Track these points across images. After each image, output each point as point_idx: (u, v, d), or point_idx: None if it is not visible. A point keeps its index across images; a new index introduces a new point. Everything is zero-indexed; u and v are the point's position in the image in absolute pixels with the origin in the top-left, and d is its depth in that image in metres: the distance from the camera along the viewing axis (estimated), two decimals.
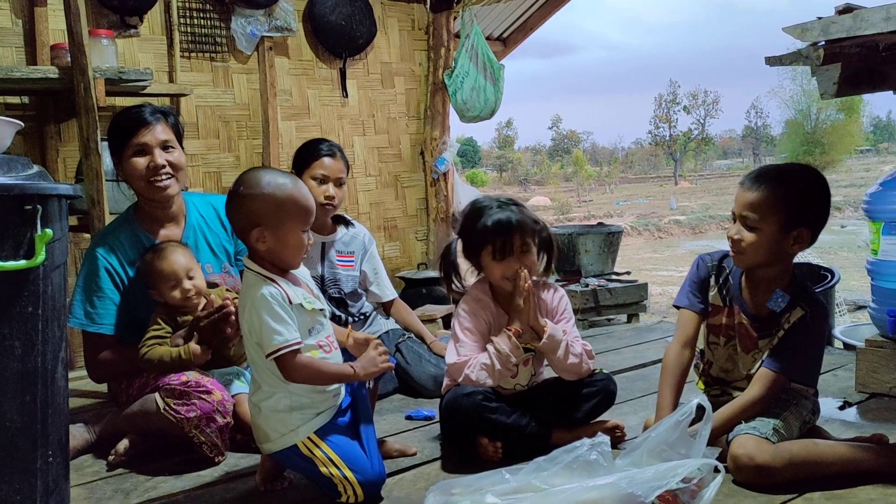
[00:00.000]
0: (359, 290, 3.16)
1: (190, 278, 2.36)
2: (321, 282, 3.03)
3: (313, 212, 1.95)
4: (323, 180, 2.92)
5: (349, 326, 2.25)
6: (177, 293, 2.34)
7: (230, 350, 2.40)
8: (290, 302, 1.87)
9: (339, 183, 2.97)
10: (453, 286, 2.33)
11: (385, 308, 3.26)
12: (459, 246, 2.32)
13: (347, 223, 3.14)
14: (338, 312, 3.04)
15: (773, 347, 2.07)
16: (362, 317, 3.15)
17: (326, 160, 2.95)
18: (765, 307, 2.08)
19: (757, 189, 1.98)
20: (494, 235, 2.19)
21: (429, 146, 5.20)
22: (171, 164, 2.44)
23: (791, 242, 2.00)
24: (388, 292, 3.24)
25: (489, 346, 2.20)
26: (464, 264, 2.35)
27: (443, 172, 5.21)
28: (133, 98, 3.64)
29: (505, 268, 2.20)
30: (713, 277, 2.18)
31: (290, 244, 1.89)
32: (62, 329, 1.73)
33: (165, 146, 2.44)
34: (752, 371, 2.11)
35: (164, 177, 2.42)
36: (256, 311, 1.84)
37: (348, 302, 3.09)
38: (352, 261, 3.11)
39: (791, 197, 1.97)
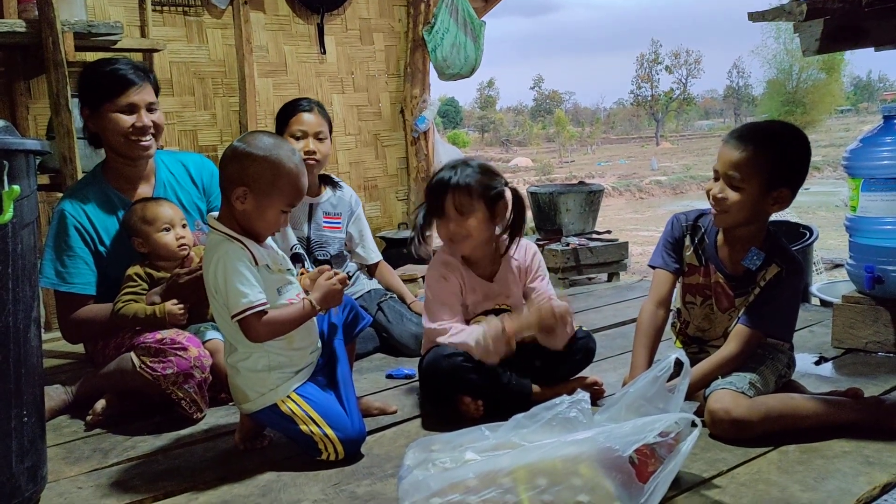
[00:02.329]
0: (344, 251, 3.15)
1: (183, 227, 2.37)
2: (307, 243, 3.01)
3: (301, 198, 1.93)
4: (302, 136, 2.89)
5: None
6: (170, 237, 2.33)
7: (207, 310, 2.38)
8: (256, 263, 1.84)
9: (318, 137, 2.93)
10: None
11: (369, 270, 3.26)
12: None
13: (335, 184, 3.11)
14: None
15: (748, 304, 2.08)
16: None
17: (304, 115, 2.92)
18: (740, 265, 2.08)
19: (743, 148, 1.96)
20: (431, 196, 2.17)
21: (409, 104, 5.13)
22: (154, 125, 2.44)
23: (771, 202, 2.00)
24: (374, 255, 3.24)
25: (477, 329, 2.12)
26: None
27: (423, 131, 5.15)
28: (104, 53, 3.54)
29: (443, 229, 2.17)
30: (688, 237, 2.17)
31: (266, 217, 1.86)
32: (34, 288, 1.70)
33: (150, 108, 2.44)
34: (730, 329, 2.12)
35: (147, 137, 2.42)
36: (222, 272, 1.81)
37: (333, 264, 3.07)
38: (339, 222, 3.09)
39: (775, 157, 1.95)
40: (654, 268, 2.22)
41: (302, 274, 2.06)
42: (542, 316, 2.06)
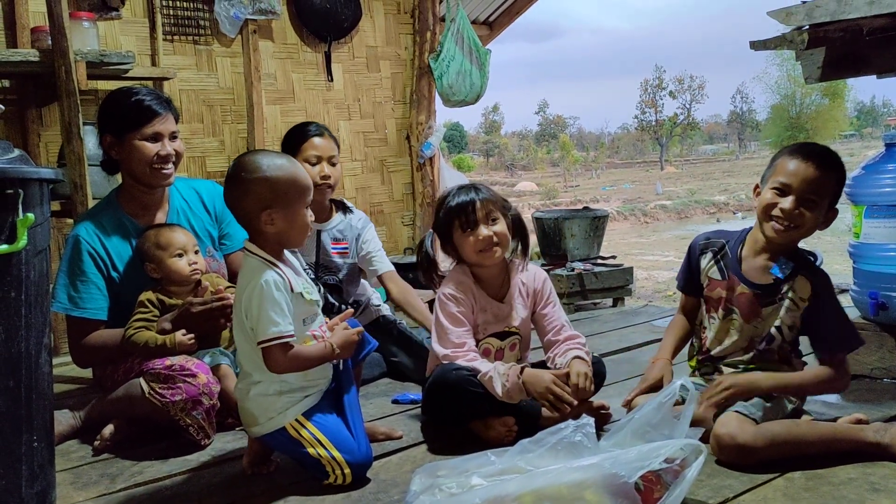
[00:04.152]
0: (357, 276, 3.13)
1: (195, 253, 2.40)
2: (315, 268, 3.01)
3: (312, 188, 1.96)
4: (316, 161, 2.90)
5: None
6: (183, 263, 2.36)
7: (217, 338, 2.40)
8: (292, 290, 1.87)
9: (331, 162, 2.94)
10: (434, 277, 2.34)
11: (383, 282, 3.10)
12: (435, 240, 2.34)
13: (346, 209, 3.11)
14: (331, 300, 3.02)
15: (813, 336, 2.11)
16: (355, 305, 3.13)
17: (316, 140, 2.93)
18: (765, 275, 2.12)
19: (819, 168, 2.02)
20: (459, 211, 2.24)
21: (415, 131, 5.18)
22: (175, 153, 2.50)
23: (825, 221, 2.10)
24: (386, 264, 3.11)
25: (496, 368, 2.13)
26: (444, 258, 2.36)
27: (429, 157, 5.19)
28: (116, 82, 3.60)
29: (475, 238, 2.22)
30: (709, 253, 2.23)
31: (297, 223, 1.91)
32: (45, 314, 1.73)
33: (173, 136, 2.50)
34: (757, 339, 2.13)
35: (169, 165, 2.48)
36: (258, 297, 1.82)
37: (343, 289, 3.07)
38: (346, 248, 3.06)
39: (841, 180, 2.07)
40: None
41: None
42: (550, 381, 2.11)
